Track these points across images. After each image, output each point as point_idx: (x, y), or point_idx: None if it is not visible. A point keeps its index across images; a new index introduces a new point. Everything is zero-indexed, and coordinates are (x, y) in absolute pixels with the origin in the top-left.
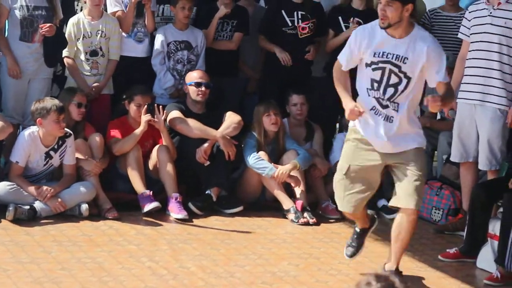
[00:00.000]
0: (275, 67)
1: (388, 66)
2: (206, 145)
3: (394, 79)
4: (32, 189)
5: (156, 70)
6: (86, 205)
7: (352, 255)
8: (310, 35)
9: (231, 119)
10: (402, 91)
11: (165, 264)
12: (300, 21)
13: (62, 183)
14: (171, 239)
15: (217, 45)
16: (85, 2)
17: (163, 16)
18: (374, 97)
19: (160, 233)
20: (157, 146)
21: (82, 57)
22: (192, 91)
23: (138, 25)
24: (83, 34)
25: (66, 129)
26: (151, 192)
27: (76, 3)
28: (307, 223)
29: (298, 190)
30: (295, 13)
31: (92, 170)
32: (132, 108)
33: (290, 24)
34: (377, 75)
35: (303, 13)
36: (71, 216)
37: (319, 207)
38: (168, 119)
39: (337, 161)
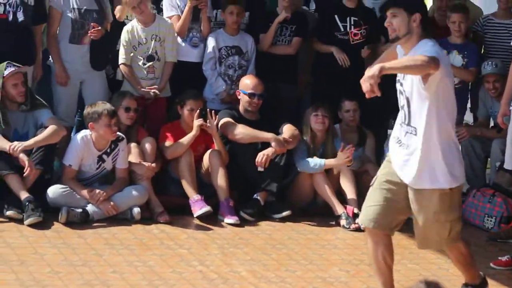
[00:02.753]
0: (327, 72)
1: (398, 86)
2: (270, 150)
3: (402, 101)
4: (84, 192)
5: (207, 75)
6: (138, 208)
7: None
8: (362, 42)
9: (290, 132)
10: (409, 112)
11: (215, 269)
12: (352, 27)
13: (114, 187)
14: (222, 244)
15: (276, 50)
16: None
17: (216, 21)
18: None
19: (211, 237)
20: (209, 151)
21: (140, 63)
22: (245, 100)
23: (194, 30)
24: (138, 42)
25: (118, 133)
26: (202, 197)
27: None
28: (358, 229)
29: (349, 196)
30: (348, 18)
31: (144, 174)
32: (185, 112)
33: (342, 30)
34: (399, 99)
35: (356, 19)
36: (123, 220)
37: None
38: (219, 125)
39: None
